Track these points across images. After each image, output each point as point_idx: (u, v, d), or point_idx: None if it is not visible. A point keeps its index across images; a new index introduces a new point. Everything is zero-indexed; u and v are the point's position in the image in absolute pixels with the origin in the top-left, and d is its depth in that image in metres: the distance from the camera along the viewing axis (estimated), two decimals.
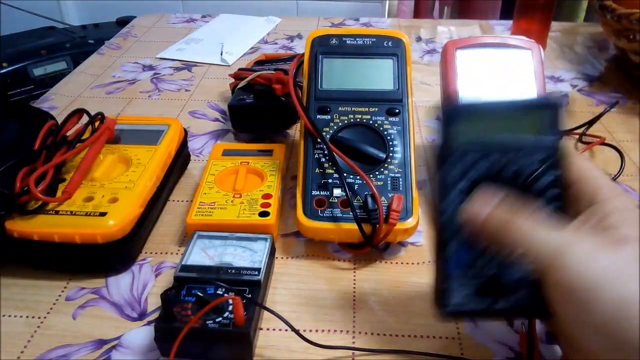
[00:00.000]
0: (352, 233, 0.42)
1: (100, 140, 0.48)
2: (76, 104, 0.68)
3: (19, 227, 0.40)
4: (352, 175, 0.44)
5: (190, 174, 0.55)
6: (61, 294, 0.40)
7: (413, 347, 0.36)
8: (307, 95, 0.48)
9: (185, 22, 0.98)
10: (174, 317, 0.34)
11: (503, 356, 0.35)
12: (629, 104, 0.68)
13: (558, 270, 0.26)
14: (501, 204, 0.28)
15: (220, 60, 0.81)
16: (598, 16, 0.73)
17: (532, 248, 0.27)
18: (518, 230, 0.27)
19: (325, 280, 0.42)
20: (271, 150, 0.52)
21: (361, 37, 0.49)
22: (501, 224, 0.28)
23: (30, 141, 0.45)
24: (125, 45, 0.88)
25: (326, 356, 0.35)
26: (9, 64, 1.32)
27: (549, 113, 0.30)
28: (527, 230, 0.27)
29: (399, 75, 0.48)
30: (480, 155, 0.30)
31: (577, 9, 1.49)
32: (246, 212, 0.44)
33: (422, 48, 0.87)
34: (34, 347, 0.36)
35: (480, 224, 0.28)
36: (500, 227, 0.28)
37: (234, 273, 0.37)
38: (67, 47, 1.39)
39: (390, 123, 0.46)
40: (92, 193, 0.43)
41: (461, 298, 0.30)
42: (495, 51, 0.48)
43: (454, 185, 0.30)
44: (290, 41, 0.90)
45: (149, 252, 0.44)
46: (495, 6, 1.55)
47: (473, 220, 0.29)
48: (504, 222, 0.28)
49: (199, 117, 0.65)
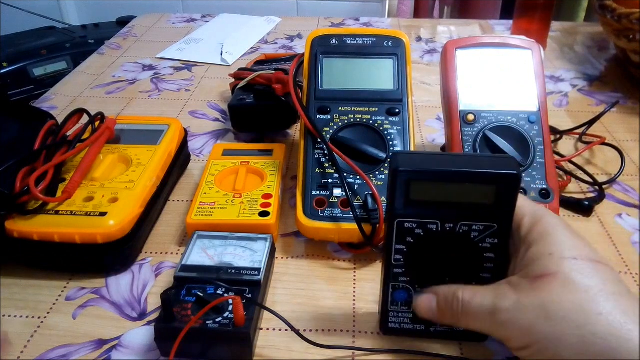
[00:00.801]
0: (352, 233, 0.42)
1: (100, 140, 0.48)
2: (76, 104, 0.68)
3: (19, 227, 0.40)
4: (352, 175, 0.44)
5: (190, 174, 0.55)
6: (61, 294, 0.40)
7: (413, 347, 0.36)
8: (307, 95, 0.48)
9: (185, 22, 0.98)
10: (174, 317, 0.34)
11: (503, 356, 0.35)
12: (629, 104, 0.68)
13: (503, 340, 0.30)
14: (440, 302, 0.32)
15: (220, 60, 0.81)
16: (598, 16, 0.73)
17: (476, 322, 0.30)
18: (463, 316, 0.31)
19: (325, 280, 0.42)
20: (271, 150, 0.52)
21: (361, 37, 0.49)
22: (451, 319, 0.32)
23: (30, 141, 0.45)
24: (125, 45, 0.88)
25: (326, 356, 0.35)
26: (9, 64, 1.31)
27: (502, 185, 0.30)
28: (462, 314, 0.31)
29: (399, 75, 0.48)
30: (418, 224, 0.32)
31: (577, 9, 1.49)
32: (246, 212, 0.44)
33: (422, 48, 0.87)
34: (34, 347, 0.36)
35: (437, 319, 0.33)
36: (452, 321, 0.32)
37: (234, 273, 0.37)
38: (67, 47, 1.39)
39: (390, 123, 0.46)
40: (92, 193, 0.43)
41: (398, 323, 0.36)
42: (495, 51, 0.48)
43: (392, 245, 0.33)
44: (290, 41, 0.90)
45: (149, 252, 0.44)
46: (495, 6, 1.55)
47: (430, 317, 0.33)
48: (450, 317, 0.31)
49: (199, 117, 0.65)
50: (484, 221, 0.31)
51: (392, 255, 0.33)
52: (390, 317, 0.35)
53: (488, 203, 0.30)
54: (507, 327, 0.28)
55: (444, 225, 0.32)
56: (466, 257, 0.32)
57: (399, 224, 0.32)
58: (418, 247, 0.33)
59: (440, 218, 0.31)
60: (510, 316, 0.28)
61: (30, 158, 0.43)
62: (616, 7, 0.67)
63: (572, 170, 0.53)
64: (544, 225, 0.30)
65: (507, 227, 0.31)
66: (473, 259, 0.32)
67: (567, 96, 0.70)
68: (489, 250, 0.32)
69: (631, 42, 0.67)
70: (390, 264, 0.33)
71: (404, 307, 0.35)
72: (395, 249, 0.33)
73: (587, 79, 0.75)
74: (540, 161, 0.45)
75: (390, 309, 0.35)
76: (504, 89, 0.47)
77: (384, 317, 0.36)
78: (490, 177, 0.30)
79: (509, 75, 0.47)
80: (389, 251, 0.33)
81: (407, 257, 0.33)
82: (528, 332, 0.27)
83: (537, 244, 0.30)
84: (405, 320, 0.35)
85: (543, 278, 0.28)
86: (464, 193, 0.31)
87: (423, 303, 0.33)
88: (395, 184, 0.31)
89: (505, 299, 0.29)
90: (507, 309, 0.28)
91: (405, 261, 0.33)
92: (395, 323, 0.36)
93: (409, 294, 0.34)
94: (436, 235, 0.32)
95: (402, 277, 0.34)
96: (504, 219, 0.31)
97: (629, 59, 0.70)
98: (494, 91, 0.47)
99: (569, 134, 0.59)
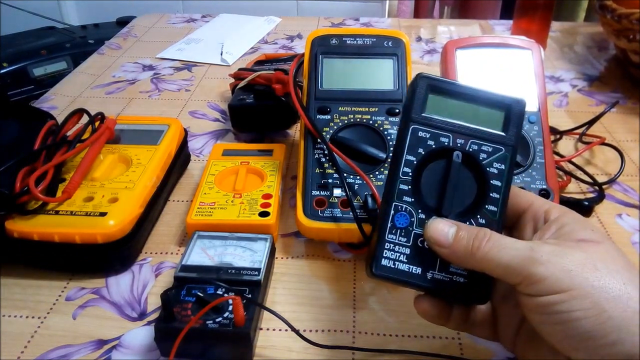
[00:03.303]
0: (352, 233, 0.42)
1: (100, 140, 0.48)
2: (76, 104, 0.68)
3: (19, 227, 0.40)
4: (352, 175, 0.44)
5: (190, 174, 0.55)
6: (61, 294, 0.40)
7: (413, 347, 0.36)
8: (307, 95, 0.48)
9: (185, 22, 0.98)
10: (174, 317, 0.34)
11: (503, 356, 0.35)
12: (629, 104, 0.68)
13: (532, 278, 0.26)
14: (460, 230, 0.29)
15: (220, 60, 0.81)
16: (598, 16, 0.73)
17: (501, 264, 0.27)
18: (486, 252, 0.28)
19: (325, 280, 0.42)
20: (271, 150, 0.52)
21: (361, 37, 0.49)
22: (468, 249, 0.29)
23: (30, 141, 0.45)
24: (125, 45, 0.88)
25: (326, 356, 0.35)
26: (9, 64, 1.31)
27: (509, 111, 0.32)
28: (493, 249, 0.28)
29: (399, 75, 0.48)
30: (431, 135, 0.32)
31: (577, 9, 1.49)
32: (246, 212, 0.44)
33: (422, 48, 0.87)
34: (34, 347, 0.36)
35: (448, 252, 0.29)
36: (468, 252, 0.29)
37: (234, 273, 0.37)
38: (67, 47, 1.39)
39: (390, 123, 0.46)
40: (92, 193, 0.43)
41: (393, 261, 0.31)
42: (495, 51, 0.48)
43: (403, 154, 0.32)
44: (290, 41, 0.90)
45: (149, 252, 0.44)
46: (495, 6, 1.55)
47: (440, 246, 0.30)
48: (470, 246, 0.29)
49: (199, 117, 0.65)
50: (493, 143, 0.32)
51: (400, 168, 0.31)
52: (385, 250, 0.31)
53: (497, 131, 0.32)
54: (547, 266, 0.26)
55: (455, 141, 0.32)
56: (473, 184, 0.32)
57: (414, 131, 0.32)
58: (428, 162, 0.32)
59: (452, 132, 0.32)
60: (552, 257, 0.26)
61: (30, 158, 0.43)
62: (616, 7, 0.67)
63: (572, 170, 0.53)
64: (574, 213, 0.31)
65: (513, 155, 0.32)
66: (480, 185, 0.32)
67: (567, 96, 0.70)
68: (496, 177, 0.31)
69: (631, 42, 0.67)
70: (397, 177, 0.31)
71: (403, 239, 0.31)
72: (405, 160, 0.32)
73: (587, 79, 0.75)
74: (540, 161, 0.45)
75: (387, 238, 0.31)
76: (503, 88, 0.47)
77: (378, 252, 0.31)
78: (500, 101, 0.32)
79: (509, 75, 0.47)
80: (397, 164, 0.32)
81: (415, 172, 0.32)
82: (570, 276, 0.26)
83: (577, 222, 0.30)
84: (400, 257, 0.31)
85: (588, 242, 0.28)
86: (476, 116, 0.32)
87: (440, 225, 0.30)
88: (415, 91, 0.32)
89: (545, 245, 0.27)
90: (548, 252, 0.27)
91: (413, 177, 0.32)
92: (389, 260, 0.31)
93: (410, 221, 0.31)
94: (447, 152, 0.32)
95: (407, 196, 0.31)
96: (511, 146, 0.32)
97: (629, 59, 0.70)
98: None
99: (569, 134, 0.59)
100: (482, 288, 0.31)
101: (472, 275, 0.31)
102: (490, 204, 0.31)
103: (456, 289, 0.31)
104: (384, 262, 0.31)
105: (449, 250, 0.29)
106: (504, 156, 0.32)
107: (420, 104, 0.32)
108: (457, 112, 0.32)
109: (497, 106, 0.32)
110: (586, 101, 0.69)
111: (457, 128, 0.32)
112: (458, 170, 0.31)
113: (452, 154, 0.31)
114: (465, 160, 0.31)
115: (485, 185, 0.31)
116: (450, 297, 0.31)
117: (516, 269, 0.27)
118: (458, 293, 0.31)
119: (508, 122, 0.32)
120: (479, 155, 0.32)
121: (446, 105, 0.32)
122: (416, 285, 0.31)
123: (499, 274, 0.28)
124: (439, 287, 0.31)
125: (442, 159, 0.32)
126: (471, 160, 0.32)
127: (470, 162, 0.32)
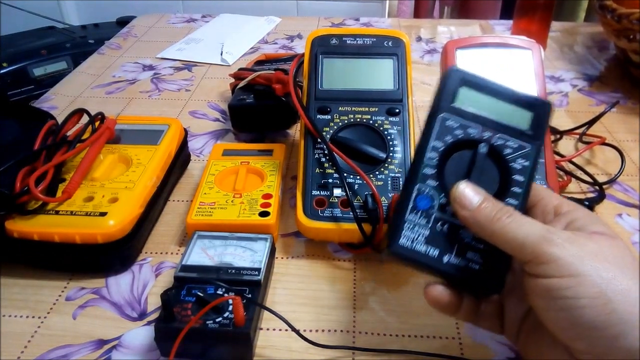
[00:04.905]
0: (352, 233, 0.42)
1: (100, 140, 0.48)
2: (76, 104, 0.68)
3: (19, 227, 0.40)
4: (352, 175, 0.44)
5: (190, 174, 0.55)
6: (61, 294, 0.40)
7: (413, 347, 0.36)
8: (307, 95, 0.48)
9: (185, 22, 0.98)
10: (174, 317, 0.34)
11: (503, 356, 0.35)
12: (629, 104, 0.68)
13: (543, 257, 0.27)
14: (486, 200, 0.30)
15: (220, 60, 0.81)
16: (598, 16, 0.73)
17: (517, 238, 0.28)
18: (505, 224, 0.28)
19: (325, 280, 0.42)
20: (271, 150, 0.52)
21: (361, 37, 0.49)
22: (489, 217, 0.29)
23: (30, 141, 0.45)
24: (126, 45, 0.88)
25: (326, 356, 0.35)
26: (9, 64, 1.31)
27: (537, 112, 0.33)
28: (512, 223, 0.28)
29: (399, 75, 0.48)
30: (460, 125, 0.32)
31: (577, 9, 1.49)
32: (246, 212, 0.44)
33: (422, 48, 0.87)
34: (34, 347, 0.36)
35: (469, 215, 0.29)
36: (488, 220, 0.29)
37: (234, 273, 0.37)
38: (67, 47, 1.39)
39: (390, 123, 0.46)
40: (92, 193, 0.43)
41: (411, 240, 0.31)
42: (495, 51, 0.48)
43: (430, 140, 0.33)
44: (290, 41, 0.90)
45: (149, 252, 0.44)
46: (495, 6, 1.55)
47: (463, 208, 0.30)
48: (492, 216, 0.29)
49: (199, 117, 0.65)
50: (519, 140, 0.32)
51: (426, 153, 0.32)
52: (404, 229, 0.31)
53: (524, 129, 0.32)
54: (560, 248, 0.27)
55: (482, 133, 0.32)
56: (496, 177, 0.32)
57: (443, 119, 0.32)
58: (453, 151, 0.32)
59: (480, 124, 0.32)
60: (566, 242, 0.27)
61: (30, 158, 0.43)
62: (616, 7, 0.67)
63: (572, 170, 0.53)
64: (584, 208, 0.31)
65: (538, 153, 0.32)
66: (502, 179, 0.32)
67: (567, 96, 0.70)
68: (519, 173, 0.32)
69: (631, 42, 0.67)
70: (422, 161, 0.32)
71: (423, 220, 0.31)
72: (432, 145, 0.32)
73: (587, 79, 0.75)
74: (541, 161, 0.45)
75: (407, 219, 0.31)
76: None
77: (397, 230, 0.31)
78: (529, 101, 0.33)
79: (509, 75, 0.47)
80: (423, 149, 0.32)
81: (440, 159, 0.32)
82: (580, 262, 0.26)
83: (589, 216, 0.30)
84: (419, 237, 0.31)
85: (601, 235, 0.28)
86: (505, 113, 0.32)
87: (467, 189, 0.30)
88: (446, 82, 0.33)
89: (562, 231, 0.28)
90: (564, 237, 0.27)
91: (438, 162, 0.32)
92: (407, 239, 0.31)
93: (431, 205, 0.32)
94: (473, 142, 0.32)
95: (431, 180, 0.32)
96: (536, 144, 0.32)
97: (629, 59, 0.70)
98: None
99: (569, 134, 0.59)
100: (496, 276, 0.31)
101: (487, 262, 0.31)
102: (511, 197, 0.32)
103: (470, 276, 0.31)
104: (403, 240, 0.31)
105: (470, 214, 0.29)
106: (529, 153, 0.32)
107: (450, 95, 0.33)
108: (486, 106, 0.33)
109: (526, 106, 0.33)
110: (586, 101, 0.69)
111: (485, 121, 0.32)
112: (483, 161, 0.32)
113: (478, 146, 0.32)
114: (490, 153, 0.32)
115: (508, 179, 0.32)
116: (463, 285, 0.31)
117: (530, 245, 0.27)
118: (472, 280, 0.31)
119: (535, 122, 0.32)
120: (504, 150, 0.32)
121: (476, 99, 0.33)
122: (431, 268, 0.31)
123: (513, 247, 0.28)
124: (453, 273, 0.31)
125: (467, 149, 0.32)
126: (496, 154, 0.32)
127: (495, 156, 0.32)
